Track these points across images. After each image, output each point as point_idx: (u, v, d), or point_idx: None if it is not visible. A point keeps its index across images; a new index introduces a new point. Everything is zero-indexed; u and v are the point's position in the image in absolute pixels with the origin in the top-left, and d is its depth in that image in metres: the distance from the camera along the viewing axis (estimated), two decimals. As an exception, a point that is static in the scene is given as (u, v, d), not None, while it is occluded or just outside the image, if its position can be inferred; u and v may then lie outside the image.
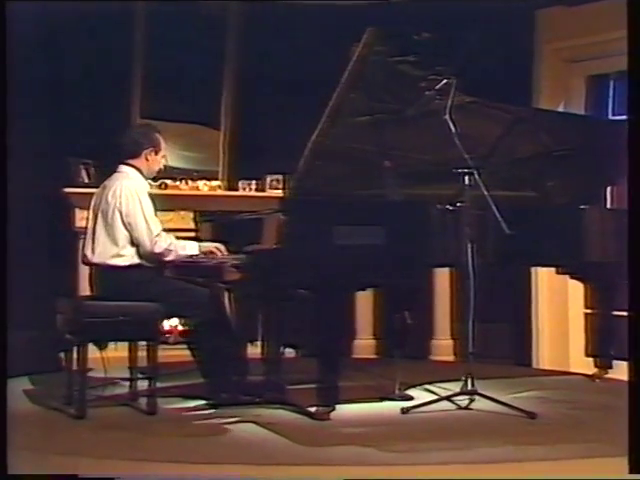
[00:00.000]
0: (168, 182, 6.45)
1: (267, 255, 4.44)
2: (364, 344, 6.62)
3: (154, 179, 6.47)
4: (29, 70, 6.02)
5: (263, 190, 6.54)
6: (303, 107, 4.97)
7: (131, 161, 4.70)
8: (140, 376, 4.60)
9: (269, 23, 6.27)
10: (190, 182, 6.52)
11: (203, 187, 6.54)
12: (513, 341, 6.31)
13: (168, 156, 6.72)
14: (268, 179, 6.56)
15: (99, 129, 6.08)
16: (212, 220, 5.16)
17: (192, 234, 5.21)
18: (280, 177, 6.45)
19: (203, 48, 6.46)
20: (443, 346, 6.46)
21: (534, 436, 4.14)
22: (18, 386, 4.96)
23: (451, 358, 6.36)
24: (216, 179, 6.60)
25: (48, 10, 5.72)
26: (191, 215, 5.85)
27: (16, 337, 5.25)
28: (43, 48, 6.14)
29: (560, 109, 6.20)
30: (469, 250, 4.55)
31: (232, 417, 4.39)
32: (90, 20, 6.02)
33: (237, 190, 6.56)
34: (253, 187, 6.57)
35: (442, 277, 6.33)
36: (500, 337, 6.20)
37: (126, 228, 4.54)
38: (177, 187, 6.48)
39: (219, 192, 6.53)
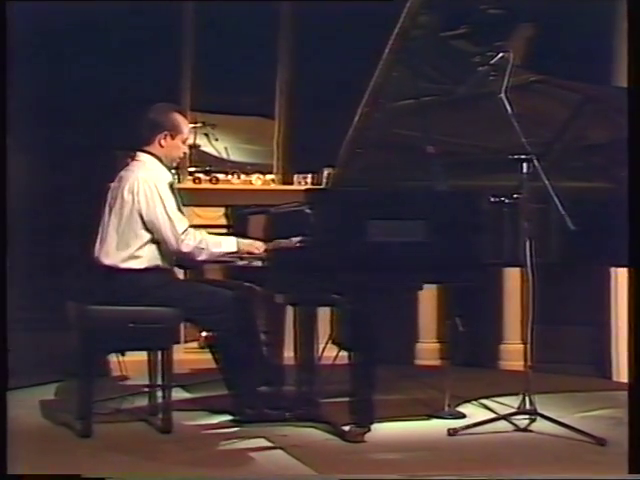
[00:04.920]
0: (220, 176, 5.84)
1: (292, 254, 3.71)
2: (428, 348, 5.84)
3: (206, 173, 5.96)
4: (75, 63, 5.56)
5: (319, 184, 5.84)
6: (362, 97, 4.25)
7: (147, 147, 4.01)
8: (159, 384, 3.92)
9: (323, 10, 5.59)
10: (243, 176, 5.89)
11: (256, 181, 5.89)
12: (588, 349, 5.43)
13: (229, 149, 6.41)
14: (325, 172, 5.86)
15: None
16: (247, 214, 4.45)
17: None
18: (338, 170, 5.74)
19: (255, 37, 5.82)
20: (513, 351, 5.64)
21: (602, 466, 3.34)
22: (37, 395, 4.39)
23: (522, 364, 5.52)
24: (271, 173, 5.95)
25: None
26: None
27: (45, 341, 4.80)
28: (89, 41, 5.61)
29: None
30: (528, 248, 3.76)
31: (256, 437, 3.71)
32: (138, 10, 5.45)
33: (292, 184, 5.89)
34: (309, 181, 5.88)
35: (513, 275, 5.52)
36: (572, 344, 5.35)
37: (146, 228, 3.87)
38: (229, 181, 5.85)
39: (272, 186, 5.87)
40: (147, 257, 3.87)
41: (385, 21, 4.92)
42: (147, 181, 3.89)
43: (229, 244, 3.93)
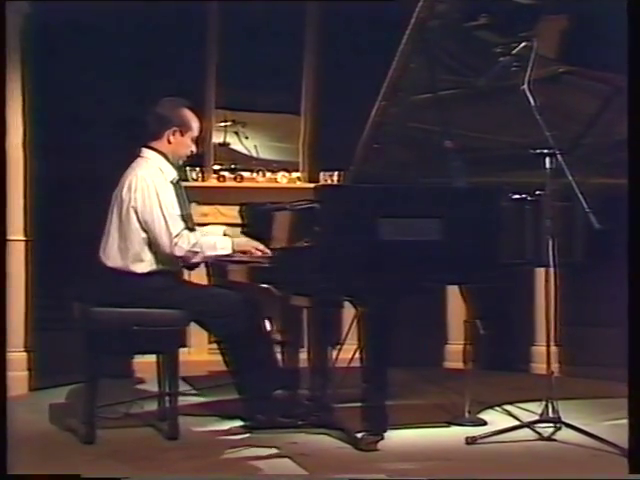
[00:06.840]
0: (245, 174, 5.67)
1: (298, 254, 3.49)
2: (457, 350, 5.55)
3: (231, 171, 5.78)
4: (100, 61, 5.42)
5: (347, 181, 5.64)
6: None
7: (153, 144, 3.78)
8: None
9: (349, 8, 5.37)
10: (269, 174, 5.71)
11: (282, 179, 5.70)
12: (618, 352, 5.12)
13: (259, 147, 6.22)
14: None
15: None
16: (263, 212, 4.24)
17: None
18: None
19: (280, 34, 5.62)
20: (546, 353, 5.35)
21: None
22: (50, 398, 4.24)
23: (555, 366, 5.23)
24: (297, 170, 5.76)
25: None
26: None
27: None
28: (115, 38, 5.46)
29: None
30: (550, 248, 3.51)
31: (265, 444, 3.50)
32: (166, 8, 5.29)
33: (318, 182, 5.68)
34: (335, 179, 5.68)
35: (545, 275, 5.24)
36: (601, 346, 5.05)
37: (143, 229, 3.66)
38: (254, 179, 5.68)
39: (298, 184, 5.67)
40: (151, 260, 3.67)
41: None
42: (146, 179, 3.67)
43: (223, 245, 3.69)
